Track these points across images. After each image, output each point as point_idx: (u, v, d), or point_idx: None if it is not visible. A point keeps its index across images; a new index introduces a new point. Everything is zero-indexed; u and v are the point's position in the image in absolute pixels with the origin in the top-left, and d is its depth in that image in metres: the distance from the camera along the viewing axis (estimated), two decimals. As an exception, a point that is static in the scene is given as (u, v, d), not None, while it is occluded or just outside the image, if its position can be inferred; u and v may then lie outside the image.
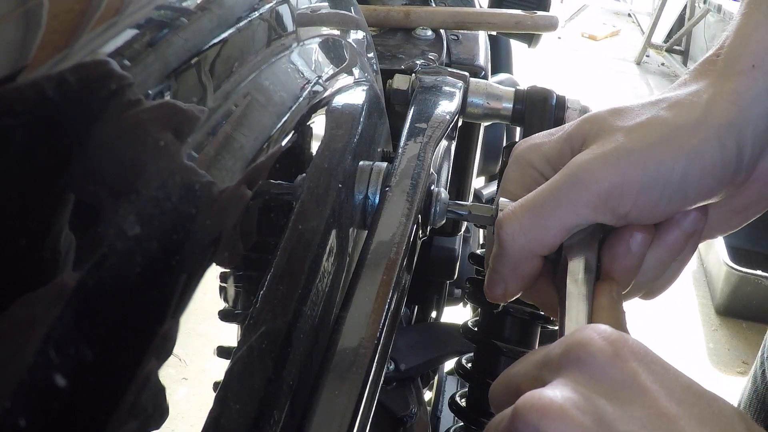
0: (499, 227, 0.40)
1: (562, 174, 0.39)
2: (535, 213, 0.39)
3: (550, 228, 0.39)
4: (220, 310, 0.29)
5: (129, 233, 0.22)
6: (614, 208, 0.38)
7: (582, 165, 0.38)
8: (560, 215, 0.39)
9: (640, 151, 0.38)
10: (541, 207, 0.39)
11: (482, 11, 0.83)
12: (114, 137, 0.23)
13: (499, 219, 0.41)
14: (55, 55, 0.21)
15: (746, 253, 2.69)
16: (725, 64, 0.40)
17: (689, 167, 0.37)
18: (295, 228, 0.34)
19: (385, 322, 0.35)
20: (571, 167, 0.39)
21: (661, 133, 0.38)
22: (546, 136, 0.44)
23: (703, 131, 0.37)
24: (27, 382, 0.18)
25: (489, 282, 0.43)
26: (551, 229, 0.39)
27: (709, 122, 0.38)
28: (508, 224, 0.40)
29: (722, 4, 4.10)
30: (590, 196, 0.38)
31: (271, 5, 0.37)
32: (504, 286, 0.41)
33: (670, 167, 0.37)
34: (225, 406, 0.27)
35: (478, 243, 1.21)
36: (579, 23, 5.64)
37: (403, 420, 0.67)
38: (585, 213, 0.38)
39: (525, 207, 0.40)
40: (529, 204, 0.40)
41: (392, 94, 0.59)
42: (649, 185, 0.37)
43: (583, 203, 0.38)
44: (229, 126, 0.29)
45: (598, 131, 0.40)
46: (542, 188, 0.40)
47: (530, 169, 0.43)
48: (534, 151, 0.43)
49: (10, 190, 0.19)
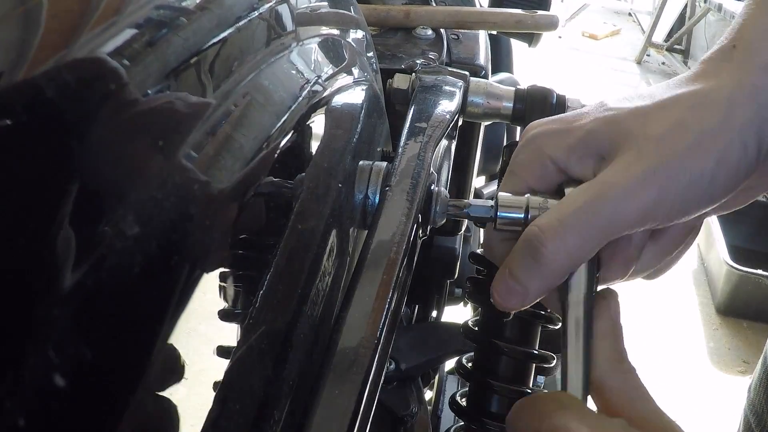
0: (541, 243, 0.38)
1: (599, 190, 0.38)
2: (579, 230, 0.38)
3: (590, 245, 0.38)
4: (220, 309, 0.29)
5: (128, 233, 0.22)
6: (651, 221, 0.38)
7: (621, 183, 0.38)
8: (601, 234, 0.38)
9: (672, 163, 0.37)
10: (586, 224, 0.38)
11: (482, 10, 0.83)
12: (113, 137, 0.23)
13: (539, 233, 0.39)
14: (54, 54, 0.21)
15: (747, 253, 2.69)
16: (743, 56, 0.39)
17: (716, 170, 0.38)
18: (294, 228, 0.34)
19: (385, 321, 0.35)
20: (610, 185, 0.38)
21: (688, 141, 0.38)
22: (562, 123, 0.42)
23: (728, 134, 0.38)
24: (26, 382, 0.18)
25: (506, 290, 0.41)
26: (590, 247, 0.38)
27: (731, 124, 0.38)
28: (553, 241, 0.38)
29: (723, 3, 4.10)
30: (631, 215, 0.38)
31: (270, 5, 0.37)
32: (525, 297, 0.40)
33: (699, 174, 0.37)
34: (225, 406, 0.27)
35: (478, 242, 1.21)
36: (579, 22, 5.64)
37: (403, 419, 0.67)
38: (624, 230, 0.38)
39: (567, 224, 0.38)
40: (572, 220, 0.38)
41: (392, 93, 0.59)
42: (683, 194, 0.38)
43: (623, 222, 0.38)
44: (229, 125, 0.29)
45: (626, 139, 0.39)
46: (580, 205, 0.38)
47: (546, 159, 0.42)
48: (552, 140, 0.42)
49: (8, 189, 0.19)
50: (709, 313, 2.65)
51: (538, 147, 0.42)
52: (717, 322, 2.61)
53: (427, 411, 0.75)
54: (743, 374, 2.32)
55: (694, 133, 0.38)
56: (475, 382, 0.56)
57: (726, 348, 2.49)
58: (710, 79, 0.40)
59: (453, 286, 1.10)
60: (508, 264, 0.41)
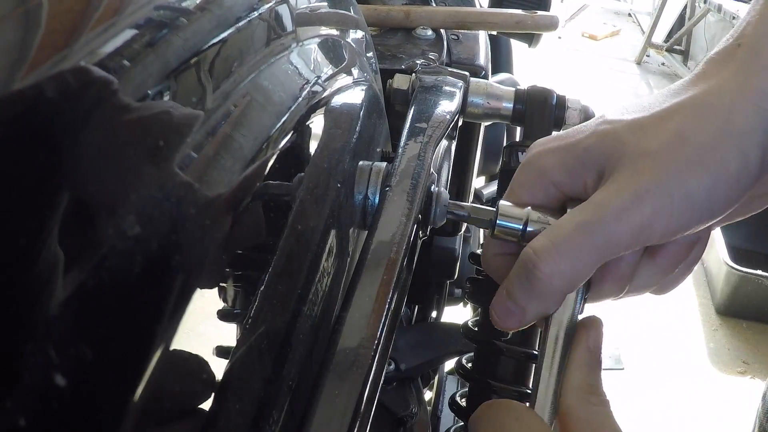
0: (535, 266, 0.38)
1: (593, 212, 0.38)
2: (572, 253, 0.38)
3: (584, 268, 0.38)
4: (219, 309, 0.29)
5: (128, 233, 0.22)
6: (646, 241, 0.38)
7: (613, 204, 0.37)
8: (595, 256, 0.38)
9: (667, 181, 0.36)
10: (579, 247, 0.37)
11: (482, 11, 0.83)
12: (112, 138, 0.23)
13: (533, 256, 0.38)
14: (53, 55, 0.21)
15: (747, 253, 2.69)
16: (748, 56, 0.38)
17: (714, 185, 0.36)
18: (294, 228, 0.34)
19: (385, 322, 0.35)
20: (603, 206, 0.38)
21: (684, 156, 0.37)
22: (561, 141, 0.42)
23: (727, 143, 0.36)
24: (25, 382, 0.18)
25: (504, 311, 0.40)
26: (585, 269, 0.38)
27: (731, 131, 0.36)
28: (546, 264, 0.38)
29: (722, 3, 4.10)
30: (624, 236, 0.37)
31: (270, 5, 0.37)
32: (522, 318, 0.40)
33: (695, 189, 0.36)
34: (224, 407, 0.27)
35: (478, 243, 1.21)
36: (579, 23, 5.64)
37: (403, 420, 0.67)
38: (619, 251, 0.38)
39: (560, 245, 0.38)
40: (565, 242, 0.38)
41: (392, 93, 0.59)
42: (680, 210, 0.37)
43: (617, 243, 0.37)
44: (228, 126, 0.29)
45: (621, 156, 0.38)
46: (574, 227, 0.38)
47: (543, 177, 0.42)
48: (551, 159, 0.42)
49: (7, 191, 0.19)
50: (708, 314, 2.65)
51: (538, 168, 0.42)
52: (717, 323, 2.61)
53: (426, 411, 0.75)
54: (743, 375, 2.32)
55: (691, 146, 0.37)
56: (475, 382, 0.56)
57: (726, 348, 2.49)
58: (711, 82, 0.38)
59: (453, 286, 1.10)
60: (506, 285, 0.41)
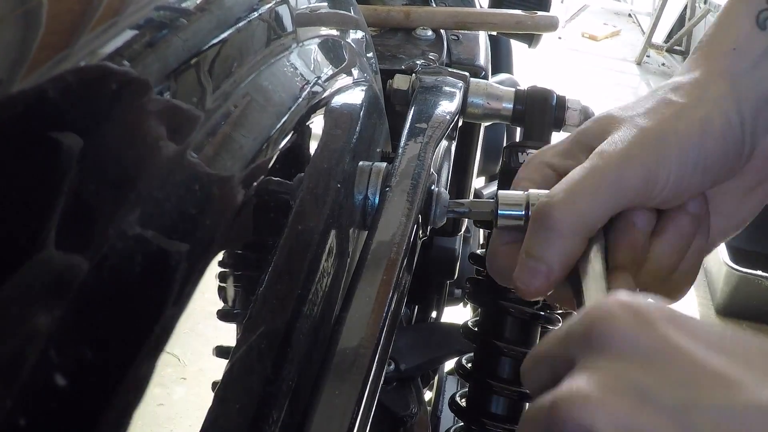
0: (549, 212, 0.39)
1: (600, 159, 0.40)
2: (584, 195, 0.39)
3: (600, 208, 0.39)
4: (219, 309, 0.29)
5: (128, 233, 0.22)
6: (652, 191, 0.40)
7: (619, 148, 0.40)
8: (607, 196, 0.39)
9: (661, 130, 0.40)
10: (590, 188, 0.39)
11: (482, 11, 0.83)
12: (113, 137, 0.23)
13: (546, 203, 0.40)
14: (54, 55, 0.21)
15: (746, 254, 2.68)
16: (710, 48, 0.45)
17: (703, 137, 0.40)
18: (294, 228, 0.34)
19: (385, 322, 0.35)
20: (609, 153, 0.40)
21: (673, 110, 0.41)
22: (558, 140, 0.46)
23: (708, 104, 0.41)
24: (25, 382, 0.18)
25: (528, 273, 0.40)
26: (600, 209, 0.39)
27: (709, 96, 0.42)
28: (559, 209, 0.39)
29: (722, 4, 4.10)
30: (633, 180, 0.39)
31: (270, 5, 0.37)
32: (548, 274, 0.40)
33: (686, 138, 0.40)
34: (224, 406, 0.27)
35: (478, 243, 1.21)
36: (579, 23, 5.63)
37: (403, 420, 0.67)
38: (629, 196, 0.40)
39: (570, 190, 0.39)
40: (576, 185, 0.39)
41: (392, 94, 0.59)
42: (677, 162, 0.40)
43: (627, 186, 0.39)
44: (229, 126, 0.29)
45: (613, 123, 0.42)
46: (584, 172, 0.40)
47: (543, 166, 0.44)
48: (548, 150, 0.45)
49: (9, 189, 0.19)
50: (708, 314, 2.65)
51: (537, 160, 0.45)
52: (717, 323, 2.61)
53: (426, 411, 0.75)
54: (743, 375, 2.32)
55: (677, 106, 0.42)
56: (475, 382, 0.56)
57: (726, 349, 2.48)
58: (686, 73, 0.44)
59: (453, 286, 1.10)
60: (524, 248, 0.41)
